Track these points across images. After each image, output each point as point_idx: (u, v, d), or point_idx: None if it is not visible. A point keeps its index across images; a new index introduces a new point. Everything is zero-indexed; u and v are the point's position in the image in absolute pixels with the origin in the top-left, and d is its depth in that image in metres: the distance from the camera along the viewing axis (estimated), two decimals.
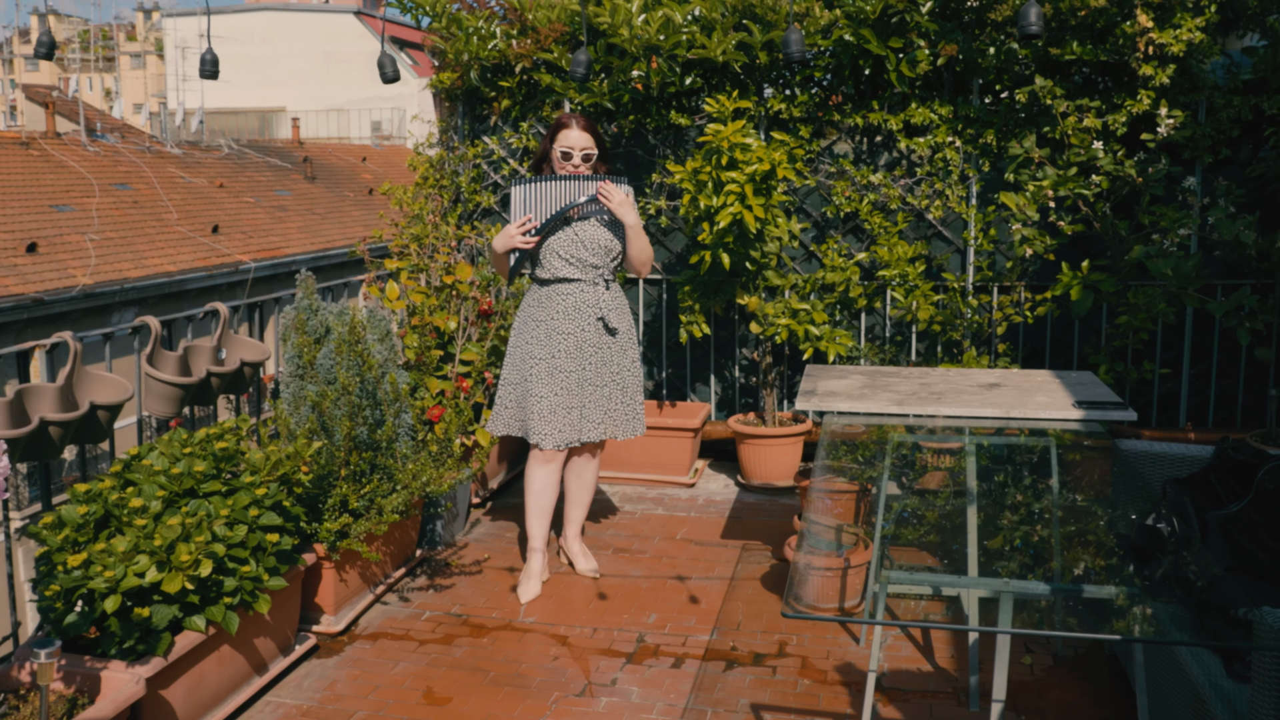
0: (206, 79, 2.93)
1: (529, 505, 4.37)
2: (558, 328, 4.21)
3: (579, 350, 4.22)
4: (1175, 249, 4.97)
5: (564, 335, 4.21)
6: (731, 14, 5.37)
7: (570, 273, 4.20)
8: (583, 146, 4.19)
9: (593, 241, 4.19)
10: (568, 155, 4.19)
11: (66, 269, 15.47)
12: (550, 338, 4.21)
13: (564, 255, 4.18)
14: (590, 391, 4.27)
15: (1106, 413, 3.64)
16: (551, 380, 4.20)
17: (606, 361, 4.28)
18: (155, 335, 3.91)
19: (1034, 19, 2.99)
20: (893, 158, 5.67)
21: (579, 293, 4.22)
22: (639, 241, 4.24)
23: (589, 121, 4.25)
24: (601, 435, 4.30)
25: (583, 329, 4.22)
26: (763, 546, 4.84)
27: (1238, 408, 5.57)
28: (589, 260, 4.20)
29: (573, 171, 4.18)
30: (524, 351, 4.26)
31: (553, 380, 4.20)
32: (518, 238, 4.12)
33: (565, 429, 4.21)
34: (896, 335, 5.79)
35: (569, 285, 4.22)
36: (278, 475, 3.54)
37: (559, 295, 4.22)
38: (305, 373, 4.19)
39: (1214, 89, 5.13)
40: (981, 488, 3.67)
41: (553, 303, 4.22)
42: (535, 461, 4.32)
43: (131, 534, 3.10)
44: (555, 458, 4.31)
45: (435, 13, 5.93)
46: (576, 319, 4.21)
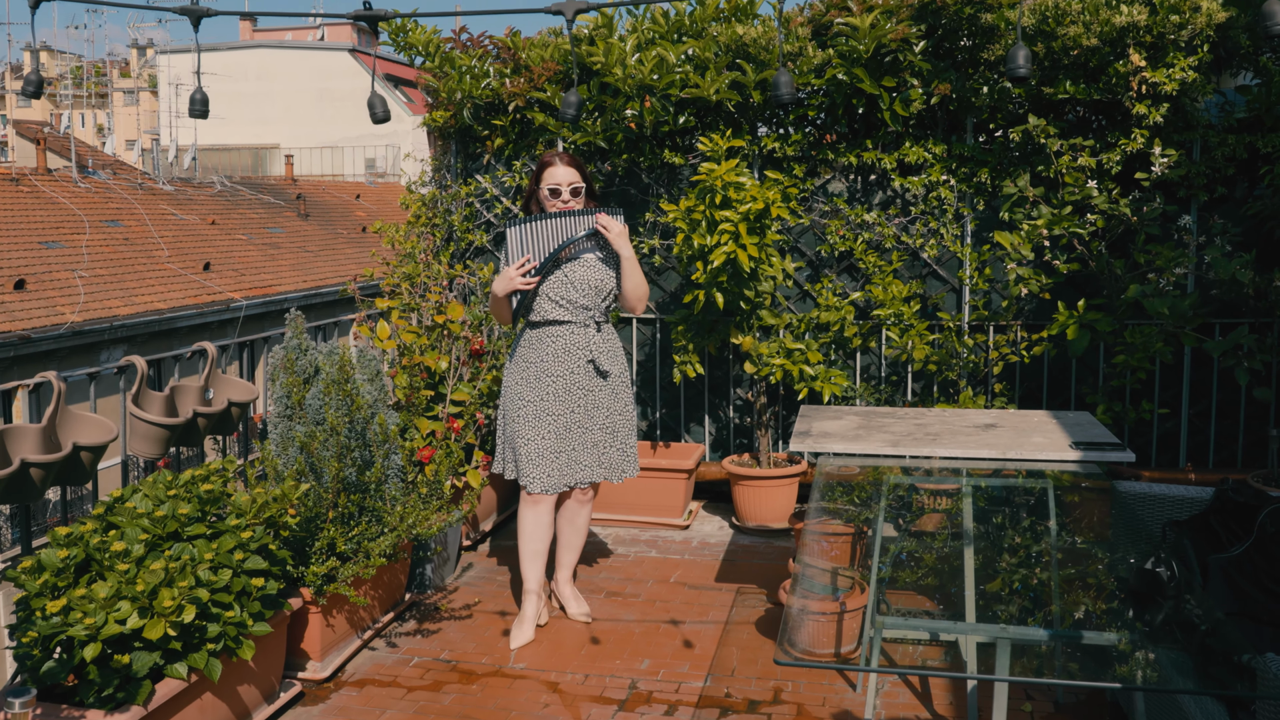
0: (196, 118, 2.89)
1: (522, 549, 4.31)
2: (547, 370, 4.15)
3: (568, 393, 4.16)
4: (1172, 288, 4.94)
5: (553, 378, 4.15)
6: (724, 54, 5.36)
7: (560, 315, 4.15)
8: (570, 181, 4.16)
9: (583, 282, 4.15)
10: (556, 192, 4.15)
11: (55, 306, 15.40)
12: (540, 380, 4.15)
13: (553, 297, 4.14)
14: (579, 435, 4.20)
15: (1104, 454, 3.59)
16: (539, 424, 4.15)
17: (597, 405, 4.23)
18: (141, 375, 3.85)
19: (1021, 62, 2.97)
20: (887, 196, 5.66)
21: (569, 335, 4.17)
22: (635, 275, 4.19)
23: (572, 156, 4.22)
24: (592, 478, 4.24)
25: (572, 371, 4.17)
26: (758, 590, 4.77)
27: (1238, 448, 5.52)
28: (579, 301, 4.15)
29: (563, 207, 4.14)
30: (514, 394, 4.21)
31: (540, 424, 4.15)
32: (518, 279, 4.06)
33: (553, 473, 4.16)
34: (892, 375, 5.75)
35: (559, 327, 4.17)
36: (264, 518, 3.48)
37: (549, 337, 4.17)
38: (294, 413, 4.13)
39: (1208, 127, 5.13)
40: (979, 530, 3.61)
41: (543, 345, 4.17)
42: (525, 505, 4.26)
43: (113, 579, 3.03)
44: (545, 501, 4.24)
45: (428, 52, 5.92)
46: (566, 361, 4.16)
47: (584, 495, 4.41)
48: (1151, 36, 4.82)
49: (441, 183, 6.26)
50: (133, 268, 18.01)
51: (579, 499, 4.40)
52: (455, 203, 6.16)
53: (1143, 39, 4.82)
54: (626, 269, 4.18)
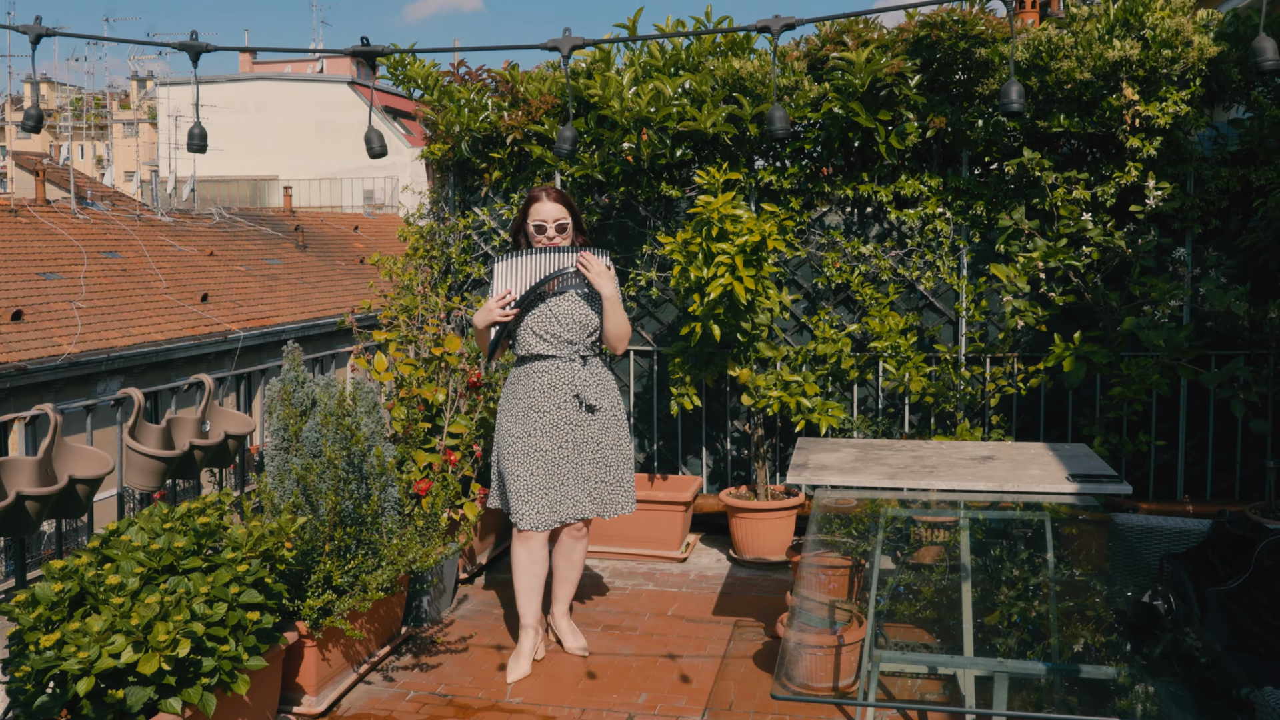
0: (195, 153, 2.91)
1: (517, 586, 4.29)
2: (534, 406, 4.16)
3: (555, 429, 4.16)
4: (1167, 320, 4.95)
5: (540, 414, 4.15)
6: (721, 87, 5.40)
7: (545, 349, 4.17)
8: (555, 218, 4.18)
9: (567, 317, 4.16)
10: (541, 228, 4.18)
11: (52, 337, 15.39)
12: (528, 416, 4.16)
13: (538, 332, 4.16)
14: (569, 470, 4.19)
15: (1101, 486, 3.59)
16: (528, 460, 4.14)
17: (586, 440, 4.21)
18: (138, 407, 3.85)
19: (1015, 97, 2.99)
20: (883, 229, 5.68)
21: (554, 370, 4.17)
22: (616, 314, 4.20)
23: (560, 193, 4.24)
24: (585, 514, 4.23)
25: (559, 407, 4.16)
26: (755, 623, 4.75)
27: (1236, 480, 5.52)
28: (564, 336, 4.16)
29: (548, 244, 4.18)
30: (504, 430, 4.23)
31: (529, 460, 4.14)
32: (497, 311, 4.10)
33: (544, 509, 4.15)
34: (889, 407, 5.75)
35: (544, 362, 4.18)
36: (260, 551, 3.47)
37: (535, 373, 4.19)
38: (290, 445, 4.12)
39: (1201, 160, 5.16)
40: (976, 563, 3.61)
41: (530, 381, 4.19)
42: (518, 542, 4.25)
43: (107, 612, 3.02)
44: (537, 537, 4.22)
45: (427, 85, 5.96)
46: (553, 396, 4.16)
47: (579, 531, 4.38)
48: (1144, 71, 4.85)
49: (439, 215, 6.28)
50: (130, 299, 18.02)
51: (574, 534, 4.37)
52: (453, 235, 6.18)
53: (1135, 73, 4.86)
54: (608, 308, 4.18)
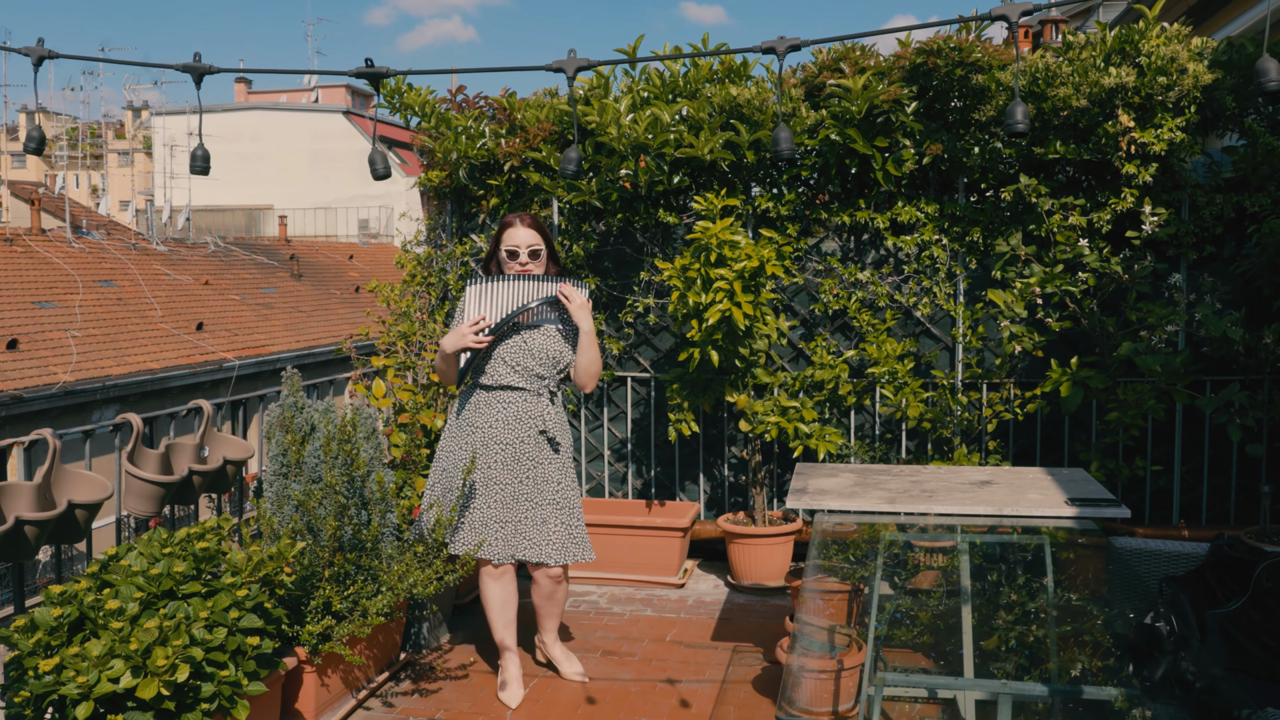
0: (197, 174, 2.92)
1: (492, 619, 4.22)
2: (495, 436, 4.07)
3: (515, 462, 4.08)
4: (1164, 345, 4.96)
5: (502, 445, 4.07)
6: (718, 114, 5.43)
7: (515, 380, 4.08)
8: (529, 244, 4.11)
9: (541, 351, 4.09)
10: (514, 254, 4.10)
11: (48, 366, 15.38)
12: (486, 447, 4.06)
13: (510, 362, 4.07)
14: (526, 508, 4.10)
15: (1100, 510, 3.59)
16: (486, 492, 4.07)
17: (546, 478, 4.11)
18: (137, 433, 3.85)
19: (1020, 117, 3.02)
20: (880, 255, 5.71)
21: (521, 402, 4.09)
22: (591, 350, 4.10)
23: (534, 219, 4.17)
24: (546, 559, 4.08)
25: (522, 440, 4.08)
26: (754, 648, 4.74)
27: (1230, 504, 5.53)
28: (535, 370, 4.09)
29: (520, 270, 4.10)
30: (457, 459, 4.11)
31: (487, 492, 4.07)
32: (470, 337, 3.99)
33: (498, 543, 4.08)
34: (886, 433, 5.76)
35: (512, 394, 4.09)
36: (259, 576, 3.46)
37: (500, 402, 4.09)
38: (289, 471, 4.12)
39: (1195, 187, 5.20)
40: (976, 587, 3.61)
41: (492, 410, 4.09)
42: (486, 577, 4.17)
43: (107, 637, 3.01)
44: (506, 572, 4.17)
45: (424, 113, 5.99)
46: (517, 429, 4.08)
47: (555, 575, 4.22)
48: (1140, 98, 4.90)
49: (437, 242, 6.30)
50: (126, 327, 18.03)
51: (553, 578, 4.22)
52: (450, 262, 6.20)
53: (1131, 100, 4.90)
54: (584, 343, 4.08)
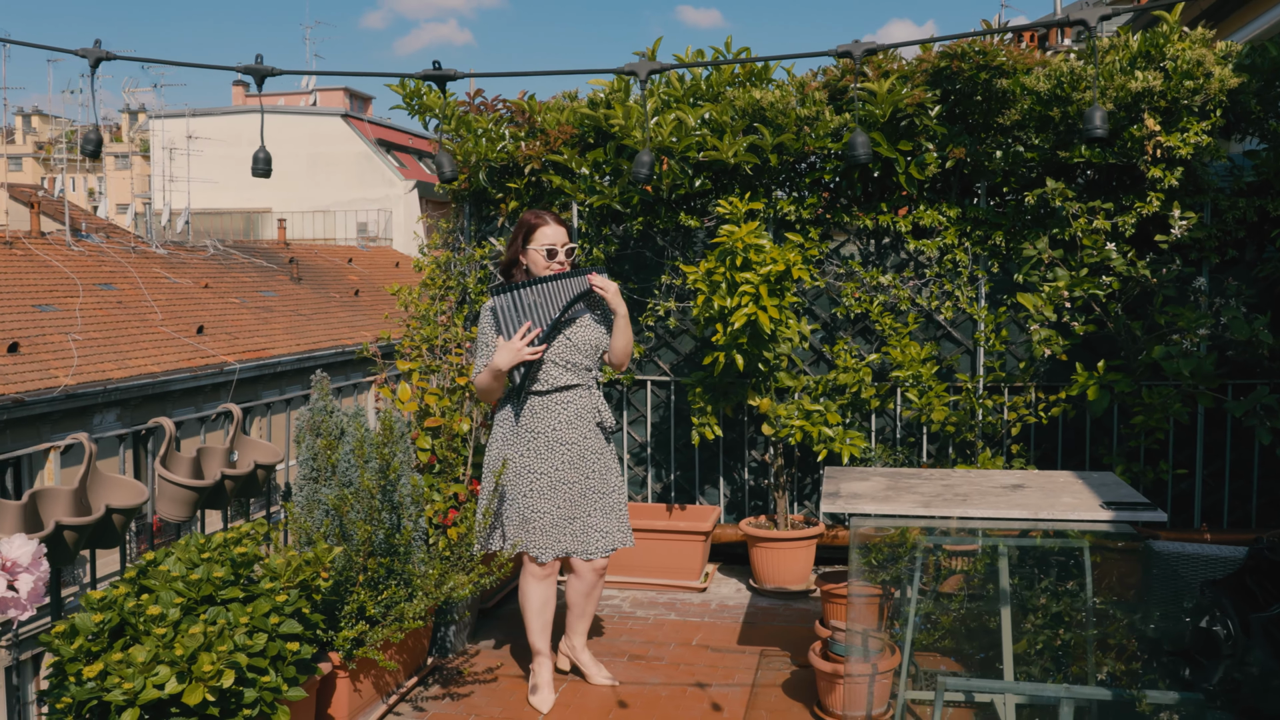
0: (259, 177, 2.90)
1: (530, 622, 4.21)
2: (560, 438, 4.05)
3: (582, 460, 4.08)
4: (1196, 349, 4.95)
5: (567, 445, 4.05)
6: (741, 117, 5.43)
7: (569, 379, 4.06)
8: (564, 242, 4.08)
9: (584, 343, 4.09)
10: (553, 252, 4.05)
11: (48, 369, 15.32)
12: (551, 450, 4.04)
13: (560, 363, 4.05)
14: (594, 501, 4.12)
15: (1136, 513, 3.58)
16: (554, 494, 4.04)
17: (604, 469, 4.15)
18: (169, 436, 3.83)
19: (1099, 122, 3.00)
20: (901, 259, 5.70)
21: (578, 399, 4.09)
22: (628, 331, 4.16)
23: (559, 216, 4.15)
24: (610, 546, 4.14)
25: (585, 436, 4.09)
26: (781, 652, 4.73)
27: (1252, 508, 5.53)
28: (583, 364, 4.09)
29: (558, 269, 4.06)
30: (520, 466, 4.05)
31: (554, 494, 4.04)
32: (525, 350, 3.92)
33: (564, 539, 4.07)
34: (909, 437, 5.75)
35: (569, 393, 4.08)
36: (298, 581, 3.44)
37: (559, 404, 4.06)
38: (320, 475, 4.10)
39: (1218, 191, 5.20)
40: (1015, 590, 3.60)
41: (552, 413, 4.05)
42: (533, 578, 4.15)
43: (150, 643, 2.99)
44: (553, 571, 4.17)
45: (444, 115, 5.97)
46: (579, 426, 4.08)
47: (601, 568, 4.25)
48: (1165, 102, 4.90)
49: (455, 245, 6.28)
50: (126, 331, 17.97)
51: (598, 570, 4.25)
52: (469, 265, 6.18)
53: (1157, 104, 4.90)
54: (621, 326, 4.12)
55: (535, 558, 4.08)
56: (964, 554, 4.00)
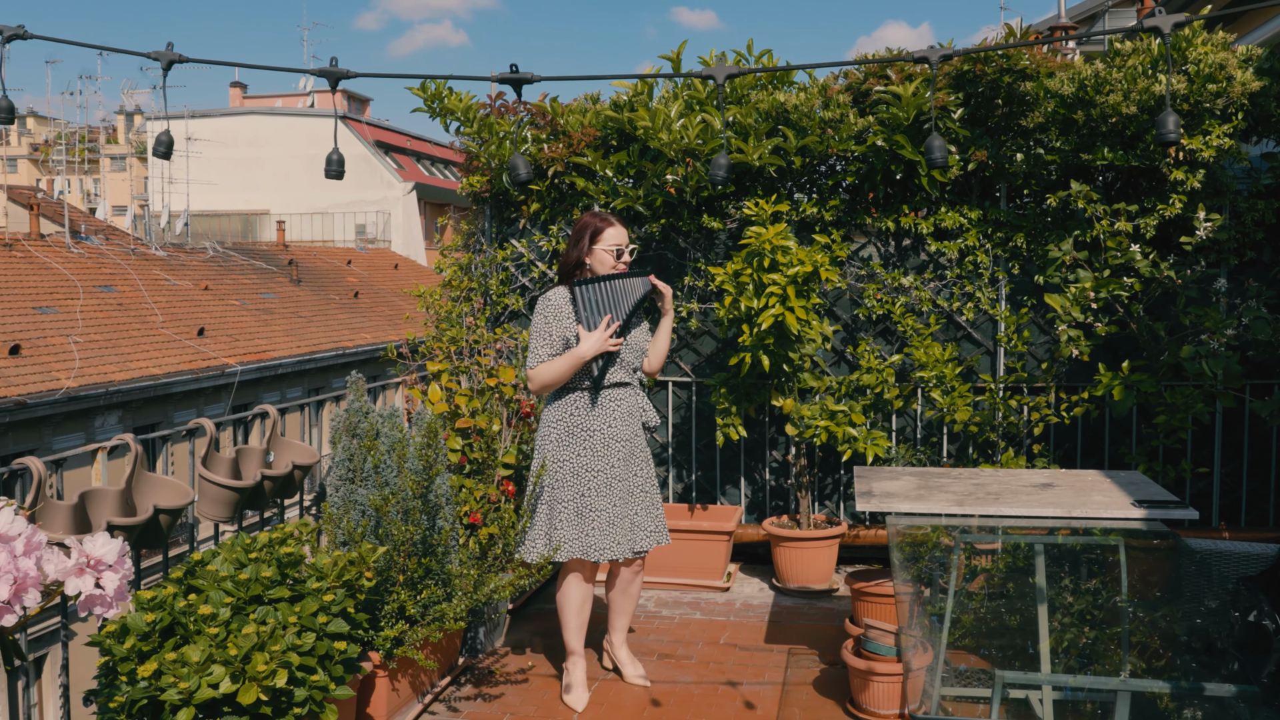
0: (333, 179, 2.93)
1: (568, 622, 4.22)
2: (616, 435, 4.10)
3: (632, 457, 4.14)
4: (1224, 349, 4.98)
5: (621, 443, 4.11)
6: (765, 120, 5.46)
7: (623, 377, 4.14)
8: (627, 243, 4.18)
9: (636, 345, 4.17)
10: (619, 252, 4.13)
11: (50, 371, 15.31)
12: (608, 447, 4.08)
13: (617, 360, 4.11)
14: (640, 499, 4.16)
15: (1168, 511, 3.62)
16: (610, 492, 4.07)
17: (649, 467, 4.23)
18: (210, 437, 3.85)
19: (1172, 127, 3.04)
20: (922, 260, 5.74)
21: (630, 397, 4.16)
22: (670, 335, 4.29)
23: (619, 216, 4.27)
24: (655, 542, 4.19)
25: (634, 434, 4.15)
26: (809, 650, 4.76)
27: (1270, 506, 5.58)
28: (633, 363, 4.17)
29: (622, 268, 4.15)
30: (577, 465, 4.07)
31: (611, 492, 4.08)
32: (610, 342, 4.02)
33: (623, 539, 4.10)
34: (930, 437, 5.79)
35: (622, 390, 4.15)
36: (343, 581, 3.46)
37: (613, 401, 4.12)
38: (355, 476, 4.12)
39: (1236, 193, 5.25)
40: (1051, 587, 3.63)
41: (606, 410, 4.11)
42: (576, 580, 4.17)
43: (203, 642, 3.01)
44: (595, 574, 4.21)
45: (467, 118, 6.00)
46: (630, 424, 4.14)
47: (640, 564, 4.32)
48: (1188, 105, 4.94)
49: (476, 247, 6.30)
50: (127, 333, 17.95)
51: (635, 569, 4.30)
52: (491, 267, 6.20)
53: (1180, 107, 4.95)
54: (665, 329, 4.23)
55: (594, 560, 4.08)
56: (996, 552, 4.04)
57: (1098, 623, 3.48)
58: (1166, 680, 2.94)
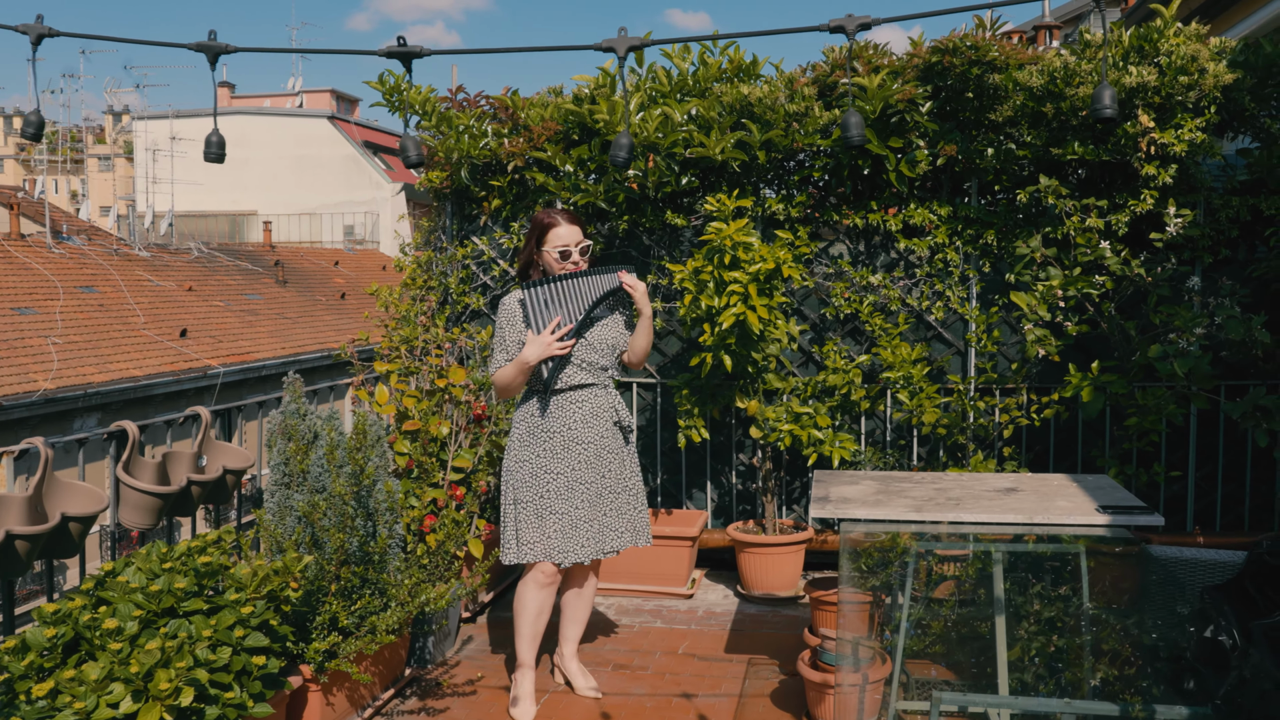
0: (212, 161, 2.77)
1: (522, 630, 4.07)
2: (576, 437, 3.96)
3: (599, 459, 3.99)
4: (1194, 349, 4.82)
5: (583, 445, 3.97)
6: (728, 113, 5.30)
7: (583, 378, 3.99)
8: (577, 241, 4.00)
9: (601, 342, 4.01)
10: (566, 254, 3.97)
11: (28, 373, 15.13)
12: (568, 449, 3.96)
13: (575, 361, 3.97)
14: (610, 500, 4.03)
15: (1133, 518, 3.46)
16: (571, 495, 3.94)
17: (623, 467, 4.08)
18: (133, 441, 3.69)
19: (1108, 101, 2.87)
20: (891, 258, 5.58)
21: (594, 398, 4.01)
22: (650, 333, 4.08)
23: (572, 214, 4.05)
24: (623, 545, 4.06)
25: (601, 436, 4.01)
26: (769, 661, 4.60)
27: (1245, 510, 5.43)
28: (599, 363, 4.01)
29: (573, 269, 3.99)
30: (536, 467, 3.96)
31: (572, 494, 3.94)
32: (555, 345, 3.87)
33: (588, 543, 3.96)
34: (899, 439, 5.63)
35: (583, 391, 4.00)
36: (265, 592, 3.30)
37: (573, 403, 3.98)
38: (292, 481, 3.96)
39: (1210, 189, 5.09)
40: (1008, 598, 3.48)
41: (567, 412, 3.97)
42: (534, 585, 4.02)
43: (104, 659, 2.85)
44: (556, 579, 4.05)
45: (425, 111, 5.83)
46: (595, 426, 4.00)
47: (595, 566, 4.22)
48: (1160, 97, 4.79)
49: (437, 245, 6.14)
50: (108, 334, 17.76)
51: (590, 571, 4.21)
52: (451, 265, 6.04)
53: (1151, 100, 4.79)
54: (644, 327, 4.04)
55: (557, 563, 3.95)
56: (956, 559, 3.89)
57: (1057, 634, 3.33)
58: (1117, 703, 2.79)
